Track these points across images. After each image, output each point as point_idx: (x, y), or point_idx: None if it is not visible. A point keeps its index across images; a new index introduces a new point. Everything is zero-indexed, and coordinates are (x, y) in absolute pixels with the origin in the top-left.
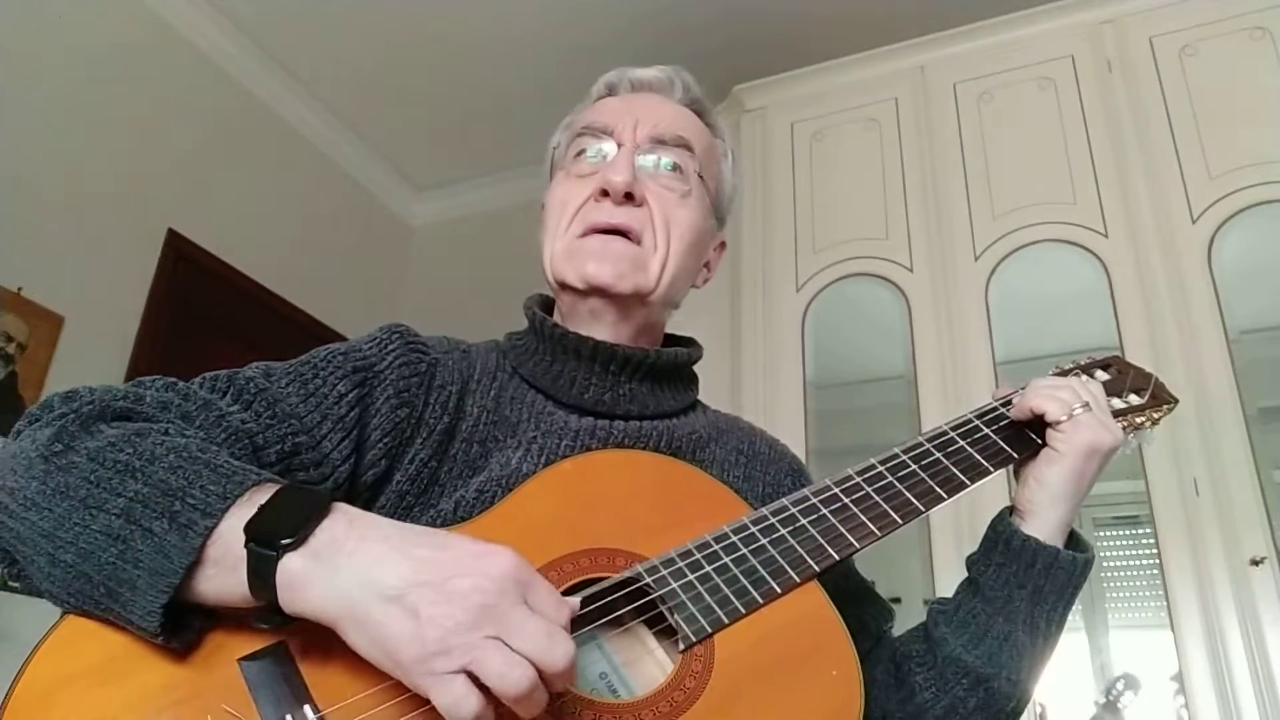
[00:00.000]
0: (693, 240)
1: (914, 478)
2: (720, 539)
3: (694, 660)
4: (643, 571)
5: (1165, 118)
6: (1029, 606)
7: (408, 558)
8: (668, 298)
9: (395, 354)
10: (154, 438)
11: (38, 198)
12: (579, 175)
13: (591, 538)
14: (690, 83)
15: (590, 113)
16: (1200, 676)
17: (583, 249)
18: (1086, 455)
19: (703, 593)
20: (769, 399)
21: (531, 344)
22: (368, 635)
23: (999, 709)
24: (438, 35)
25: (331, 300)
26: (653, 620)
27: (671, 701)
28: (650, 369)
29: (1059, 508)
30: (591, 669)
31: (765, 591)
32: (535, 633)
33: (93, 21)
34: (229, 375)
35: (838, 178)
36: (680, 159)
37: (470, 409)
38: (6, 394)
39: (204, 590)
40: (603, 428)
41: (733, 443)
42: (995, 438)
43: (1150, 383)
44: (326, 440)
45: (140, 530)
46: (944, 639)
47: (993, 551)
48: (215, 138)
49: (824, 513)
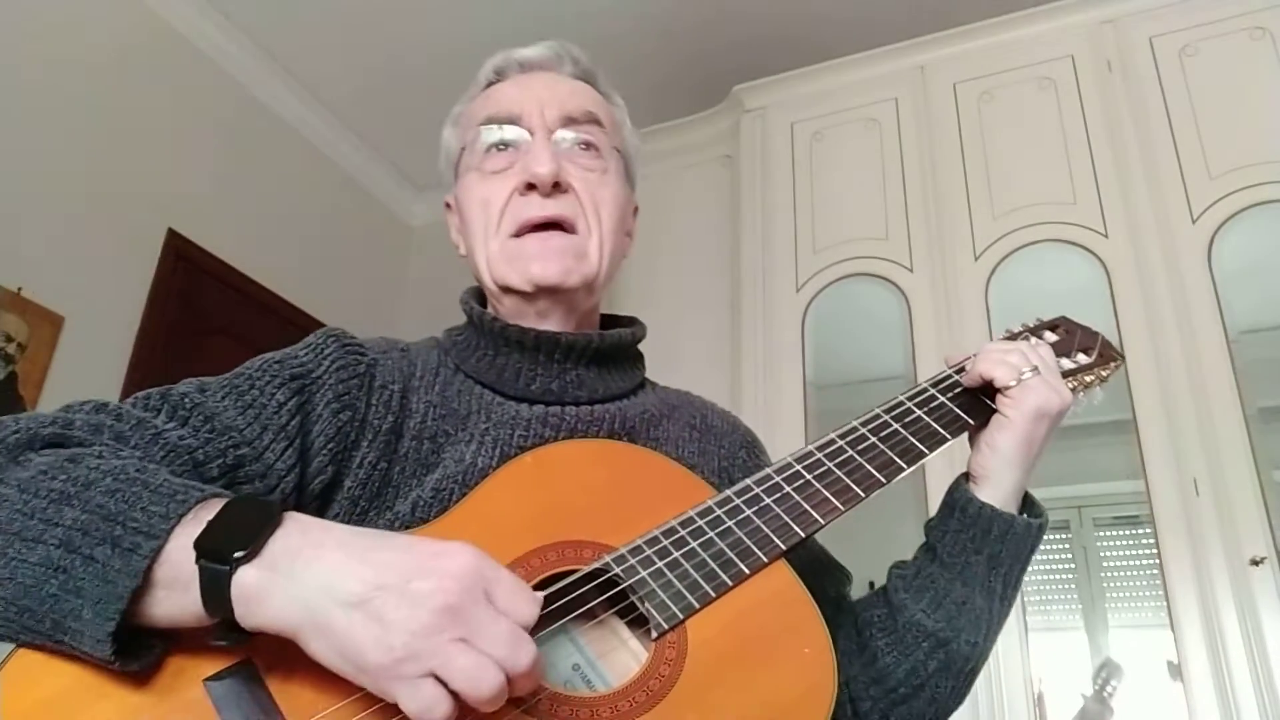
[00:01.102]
0: (620, 216)
1: (873, 450)
2: (686, 524)
3: (668, 648)
4: (611, 562)
5: (1165, 118)
6: (985, 571)
7: (366, 562)
8: (607, 279)
9: (332, 358)
10: (88, 462)
11: (38, 198)
12: (494, 171)
13: (558, 531)
14: (578, 54)
15: (486, 102)
16: (1200, 676)
17: (523, 251)
18: (1035, 419)
19: (672, 579)
20: (769, 399)
21: (472, 339)
22: (330, 644)
23: (959, 669)
24: (438, 35)
25: (331, 300)
26: (625, 610)
27: (648, 690)
28: (596, 353)
29: (1012, 472)
30: (564, 662)
31: (734, 574)
32: (500, 635)
33: (93, 22)
34: (161, 392)
35: (838, 178)
36: (593, 135)
37: (416, 405)
38: (6, 394)
39: (156, 614)
40: (554, 414)
41: (685, 418)
42: (951, 405)
43: (1097, 341)
44: (269, 451)
45: (81, 559)
46: (904, 604)
47: (949, 518)
48: (216, 138)
49: (787, 490)
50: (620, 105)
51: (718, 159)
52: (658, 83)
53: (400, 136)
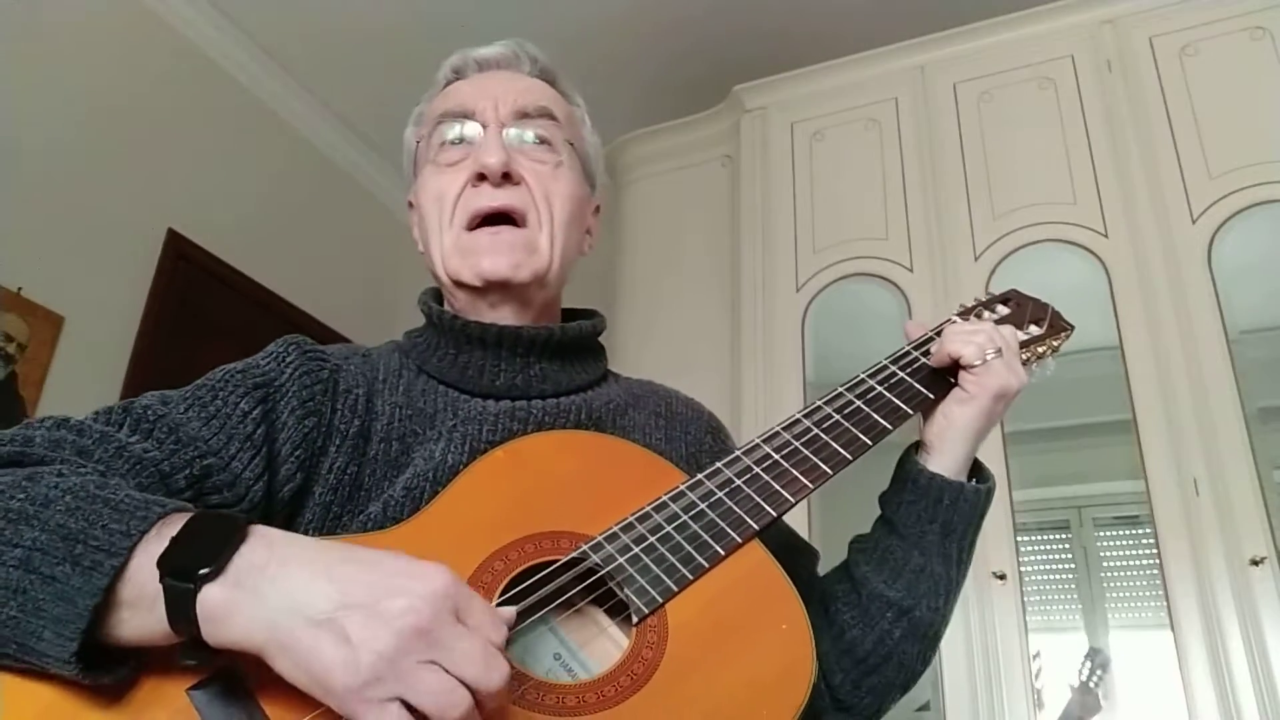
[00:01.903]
0: (574, 210)
1: (838, 428)
2: (660, 508)
3: (648, 632)
4: (588, 550)
5: (1165, 118)
6: (940, 539)
7: (334, 579)
8: (560, 274)
9: (294, 365)
10: (47, 480)
11: (38, 198)
12: (448, 164)
13: (534, 523)
14: (536, 53)
15: (444, 99)
16: (1200, 676)
17: (474, 246)
18: (995, 398)
19: (649, 564)
20: (769, 399)
21: (432, 339)
22: (296, 662)
23: (922, 634)
24: (438, 36)
25: (331, 300)
26: (604, 598)
27: (631, 674)
28: (558, 345)
29: (965, 444)
30: (546, 653)
31: (710, 555)
32: (471, 654)
33: (93, 21)
34: (124, 406)
35: (838, 178)
36: (547, 130)
37: (382, 408)
38: (6, 394)
39: (122, 635)
40: (521, 409)
41: (650, 406)
42: (912, 382)
43: (1048, 313)
44: (236, 460)
45: (40, 579)
46: (866, 578)
47: (902, 490)
48: (215, 138)
49: (757, 471)
50: (580, 105)
51: (718, 159)
52: (658, 83)
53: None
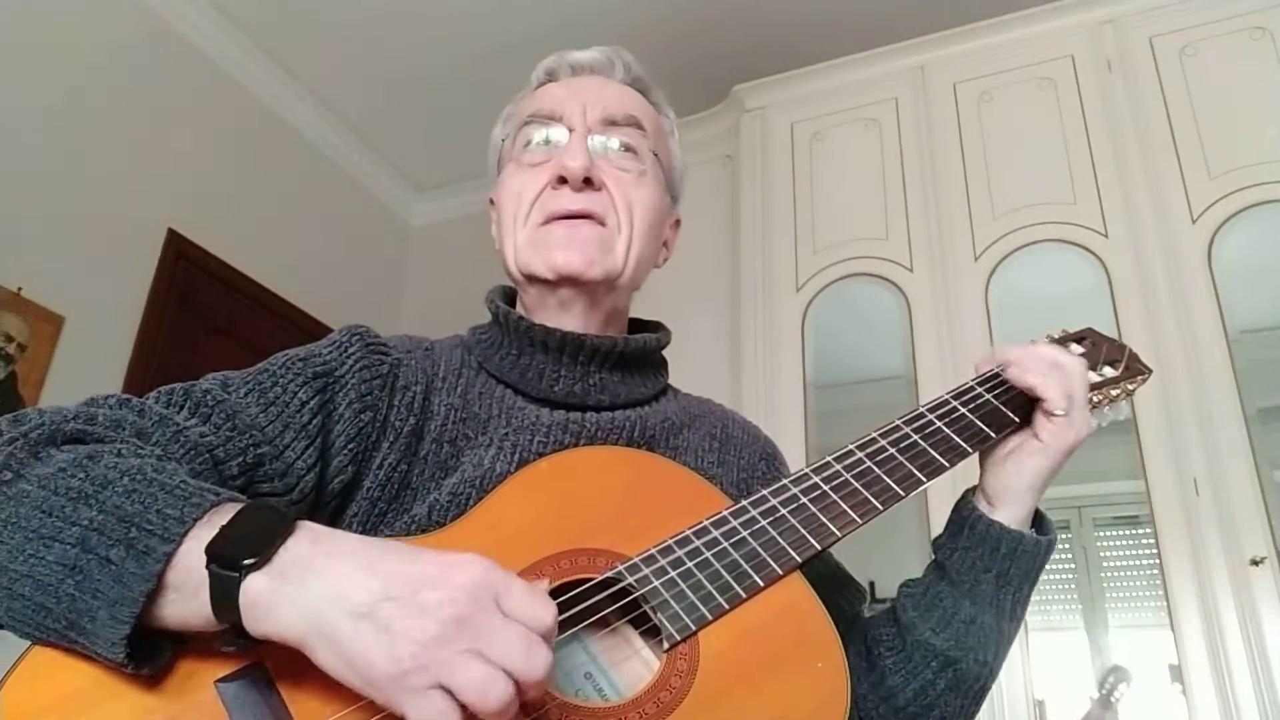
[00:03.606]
0: (654, 220)
1: (893, 462)
2: (700, 533)
3: (679, 659)
4: (624, 570)
5: (1165, 118)
6: (995, 590)
7: (375, 573)
8: (633, 281)
9: (356, 357)
10: (107, 460)
11: (38, 198)
12: (531, 164)
13: (572, 539)
14: (631, 61)
15: (534, 101)
16: (1200, 676)
17: (548, 238)
18: (1069, 452)
19: (685, 589)
20: (769, 399)
21: (496, 338)
22: (338, 653)
23: (968, 688)
24: (438, 36)
25: (331, 300)
26: (639, 620)
27: (658, 702)
28: (620, 357)
29: (1034, 495)
30: (577, 671)
31: (748, 585)
32: (511, 641)
33: (93, 21)
34: (185, 389)
35: (838, 178)
36: (633, 139)
37: (437, 408)
38: (6, 394)
39: (166, 616)
40: (575, 420)
41: (705, 427)
42: (974, 419)
43: (1125, 354)
44: (290, 450)
45: (97, 559)
46: (912, 624)
47: (958, 536)
48: (215, 138)
49: (804, 501)
50: (670, 119)
51: (718, 159)
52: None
53: (401, 137)
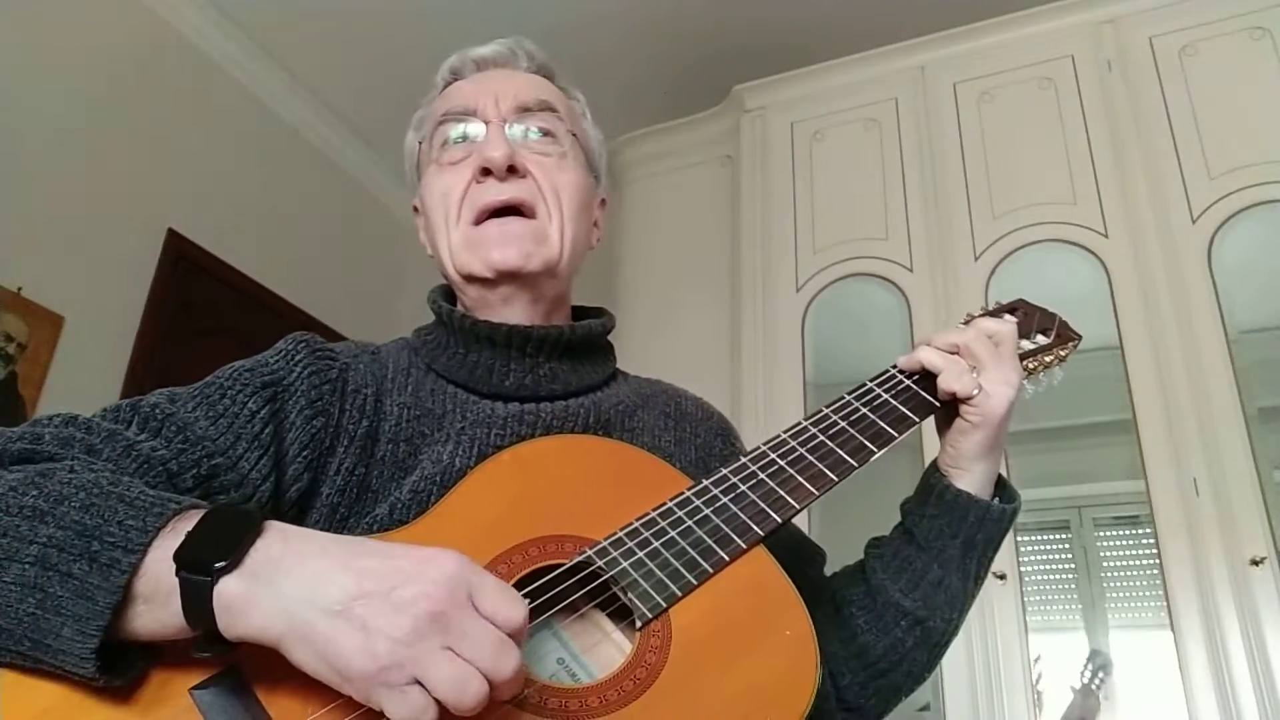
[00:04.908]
0: (582, 200)
1: (845, 434)
2: (665, 514)
3: (652, 637)
4: (592, 554)
5: (1165, 118)
6: (961, 554)
7: (349, 570)
8: (571, 265)
9: (304, 364)
10: (60, 476)
11: (38, 198)
12: (451, 163)
13: (538, 527)
14: (533, 50)
15: (444, 100)
16: (1200, 676)
17: (483, 238)
18: (1002, 419)
19: (653, 569)
20: (769, 399)
21: (442, 337)
22: (315, 652)
23: (934, 643)
24: (439, 37)
25: (331, 300)
26: (608, 603)
27: (635, 679)
28: (568, 345)
29: (982, 464)
30: (549, 657)
31: (715, 561)
32: (484, 641)
33: (93, 22)
34: (132, 404)
35: (838, 178)
36: (549, 123)
37: (390, 408)
38: (6, 394)
39: (137, 628)
40: (530, 411)
41: (659, 407)
42: (918, 389)
43: (1055, 322)
44: (244, 460)
45: (58, 576)
46: (882, 585)
47: (926, 503)
48: (215, 138)
49: (762, 477)
50: (580, 100)
51: (718, 159)
52: (658, 83)
53: (400, 136)
